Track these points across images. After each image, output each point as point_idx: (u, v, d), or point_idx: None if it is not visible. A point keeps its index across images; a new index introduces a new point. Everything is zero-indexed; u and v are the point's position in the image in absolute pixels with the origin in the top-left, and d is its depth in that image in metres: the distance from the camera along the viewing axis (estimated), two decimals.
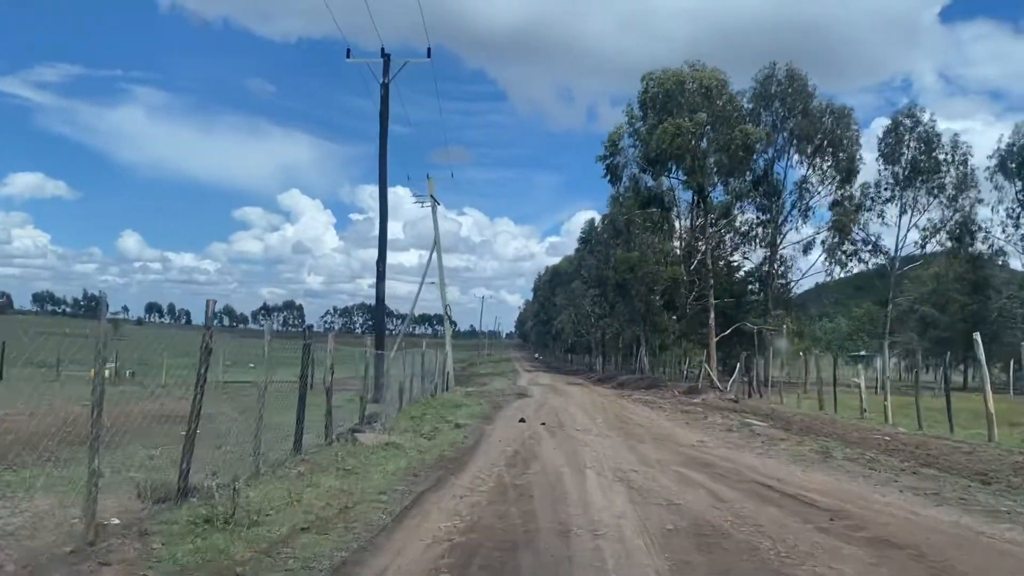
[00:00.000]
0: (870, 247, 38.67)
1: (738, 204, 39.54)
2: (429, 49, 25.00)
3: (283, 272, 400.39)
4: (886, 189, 38.67)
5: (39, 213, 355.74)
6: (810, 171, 37.31)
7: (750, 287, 41.98)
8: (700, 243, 40.25)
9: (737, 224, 41.18)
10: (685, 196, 41.30)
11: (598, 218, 55.65)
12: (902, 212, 37.98)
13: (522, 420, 16.81)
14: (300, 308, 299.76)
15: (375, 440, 11.67)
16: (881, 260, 38.72)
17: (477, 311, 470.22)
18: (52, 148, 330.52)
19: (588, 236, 57.92)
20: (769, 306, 37.80)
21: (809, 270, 38.48)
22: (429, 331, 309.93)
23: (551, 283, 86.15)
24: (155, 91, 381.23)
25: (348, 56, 22.62)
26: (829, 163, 36.69)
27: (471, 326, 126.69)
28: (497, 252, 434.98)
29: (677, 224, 42.60)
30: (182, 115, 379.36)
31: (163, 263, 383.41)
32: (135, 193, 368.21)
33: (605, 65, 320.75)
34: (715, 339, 36.80)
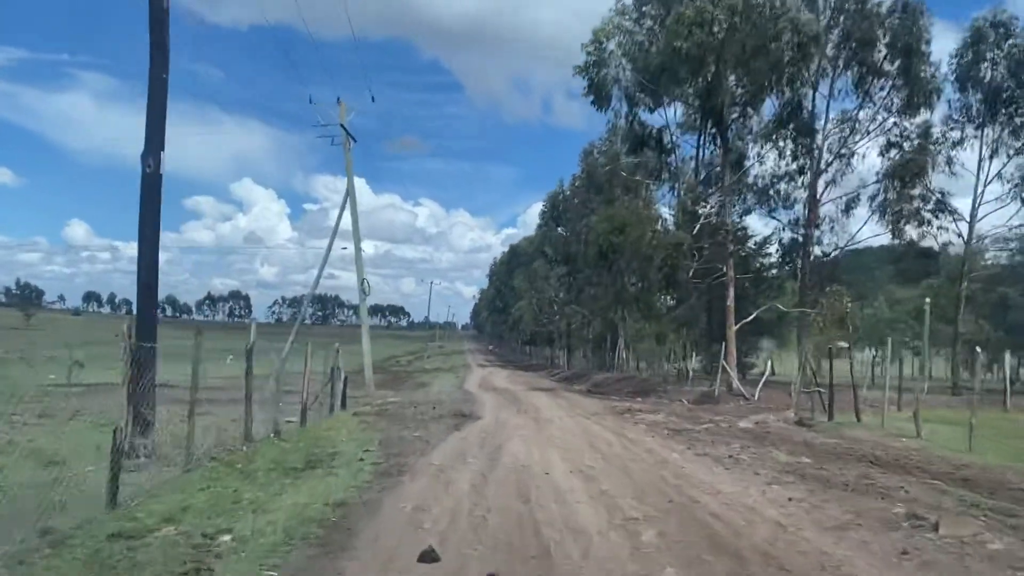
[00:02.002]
0: (932, 205, 28.30)
1: (761, 146, 28.79)
2: None
3: (236, 263, 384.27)
4: (954, 128, 28.36)
5: None
6: (862, 98, 26.67)
7: (766, 260, 31.34)
8: (709, 199, 29.40)
9: (753, 177, 30.50)
10: (687, 141, 30.49)
11: (567, 181, 44.54)
12: (982, 158, 27.75)
13: (430, 554, 5.47)
14: (247, 298, 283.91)
15: None
16: (949, 223, 28.40)
17: (432, 302, 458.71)
18: None
19: (554, 203, 46.66)
20: (806, 282, 27.11)
21: (858, 233, 27.85)
22: (384, 323, 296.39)
23: (508, 265, 74.74)
24: (102, 76, 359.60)
25: None
26: (889, 87, 26.14)
27: (425, 317, 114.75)
28: (453, 244, 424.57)
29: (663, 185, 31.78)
30: (130, 101, 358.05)
31: (112, 253, 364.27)
32: (82, 181, 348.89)
33: (560, 57, 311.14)
34: (734, 327, 26.00)
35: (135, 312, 10.04)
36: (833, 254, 28.02)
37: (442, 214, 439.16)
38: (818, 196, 27.14)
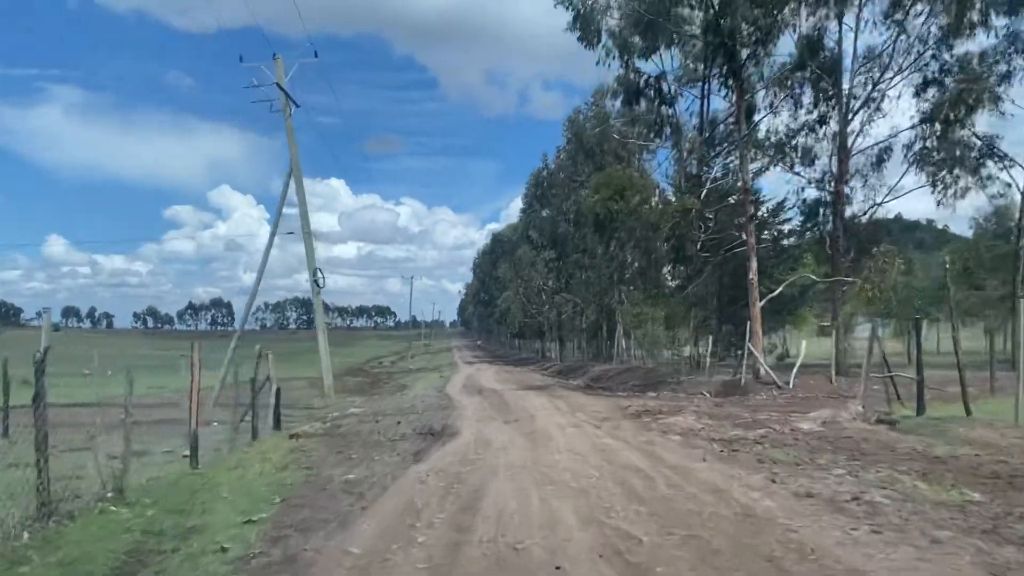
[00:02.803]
0: (976, 152, 24.25)
1: (775, 94, 24.67)
2: None
3: (218, 270, 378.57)
4: (999, 60, 24.26)
5: None
6: (896, 31, 22.58)
7: (784, 226, 27.07)
8: (715, 160, 25.28)
9: (764, 131, 26.37)
10: (690, 92, 26.22)
11: (551, 155, 40.09)
12: None
13: None
14: (229, 305, 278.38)
15: None
16: (999, 171, 24.34)
17: (419, 301, 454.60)
18: None
19: (538, 182, 42.23)
20: (838, 247, 22.93)
21: (897, 185, 23.61)
22: (370, 324, 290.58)
23: (492, 255, 70.24)
24: (74, 89, 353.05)
25: None
26: (927, 13, 22.07)
27: (412, 316, 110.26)
28: (437, 241, 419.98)
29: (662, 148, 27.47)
30: (103, 113, 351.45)
31: (92, 267, 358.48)
32: (59, 196, 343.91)
33: (534, 48, 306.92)
34: (759, 303, 21.86)
35: None
36: (869, 212, 23.83)
37: (424, 212, 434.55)
38: (848, 145, 22.96)
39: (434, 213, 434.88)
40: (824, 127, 24.79)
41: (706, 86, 24.90)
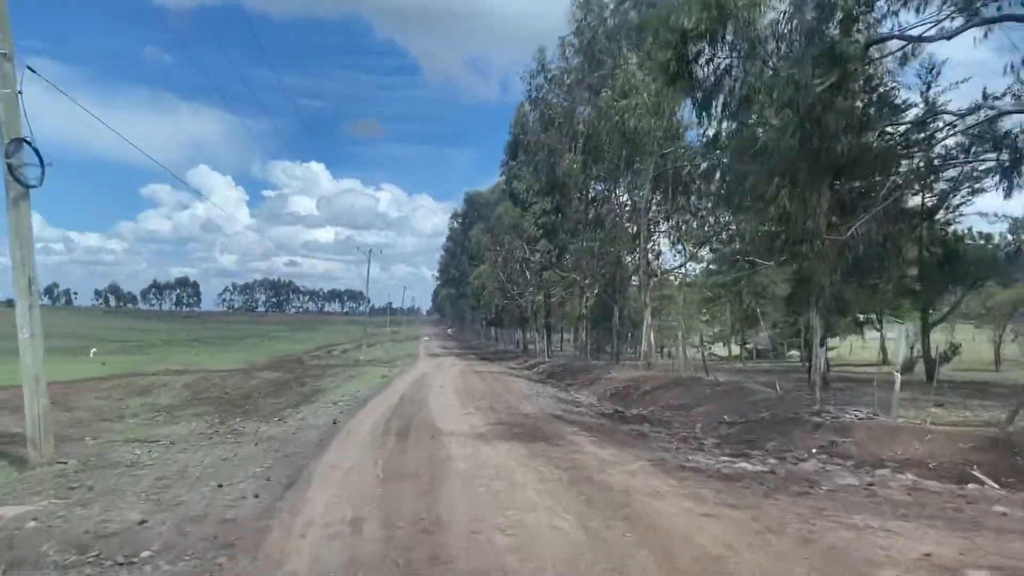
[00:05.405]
0: None
1: None
2: None
3: (195, 251, 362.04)
4: None
5: None
6: None
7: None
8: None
9: None
10: None
11: (551, 53, 26.57)
12: None
13: None
14: (195, 285, 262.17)
15: None
16: None
17: (396, 287, 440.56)
18: None
19: (533, 98, 28.74)
20: None
21: None
22: (343, 309, 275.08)
23: (465, 220, 56.74)
24: (49, 62, 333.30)
25: None
26: None
27: (388, 303, 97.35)
28: (416, 228, 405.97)
29: None
30: (80, 88, 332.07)
31: (66, 243, 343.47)
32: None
33: (515, 33, 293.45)
34: None
35: None
36: None
37: (404, 199, 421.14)
38: None
39: (414, 200, 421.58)
40: None
41: None
